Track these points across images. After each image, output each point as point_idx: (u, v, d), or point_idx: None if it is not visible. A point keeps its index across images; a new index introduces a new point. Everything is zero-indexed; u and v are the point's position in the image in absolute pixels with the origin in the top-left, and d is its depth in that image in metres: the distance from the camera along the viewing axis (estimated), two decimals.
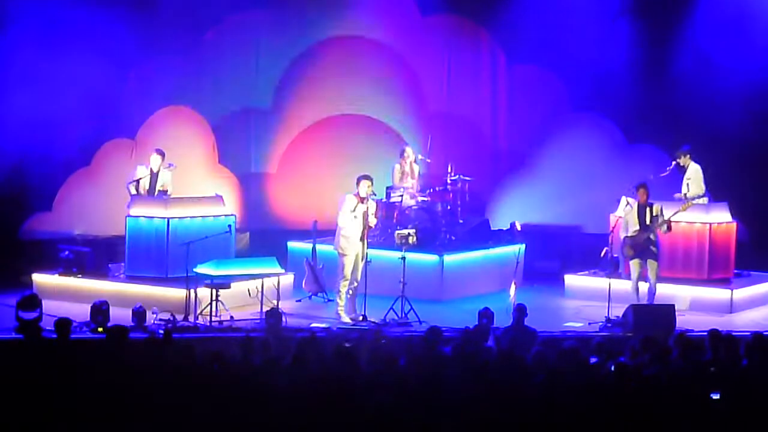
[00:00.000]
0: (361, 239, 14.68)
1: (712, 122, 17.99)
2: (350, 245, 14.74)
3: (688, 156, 16.34)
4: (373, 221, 14.77)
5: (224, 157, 19.48)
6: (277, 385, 9.94)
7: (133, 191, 16.02)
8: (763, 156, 18.39)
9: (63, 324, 11.23)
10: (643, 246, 15.02)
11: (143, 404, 9.64)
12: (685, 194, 16.28)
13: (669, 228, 15.11)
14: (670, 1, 18.82)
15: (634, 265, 15.13)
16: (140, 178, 16.03)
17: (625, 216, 15.23)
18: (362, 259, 14.73)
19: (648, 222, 15.03)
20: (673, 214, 15.14)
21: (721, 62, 18.15)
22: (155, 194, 16.00)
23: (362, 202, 14.68)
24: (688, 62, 18.48)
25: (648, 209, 15.05)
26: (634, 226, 15.04)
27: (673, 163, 16.41)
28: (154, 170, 16.07)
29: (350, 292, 14.83)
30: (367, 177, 14.75)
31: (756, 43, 18.18)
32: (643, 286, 15.14)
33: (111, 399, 9.55)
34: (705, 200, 16.37)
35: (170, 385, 9.90)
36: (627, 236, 15.06)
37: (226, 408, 9.49)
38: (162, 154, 16.14)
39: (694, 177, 16.33)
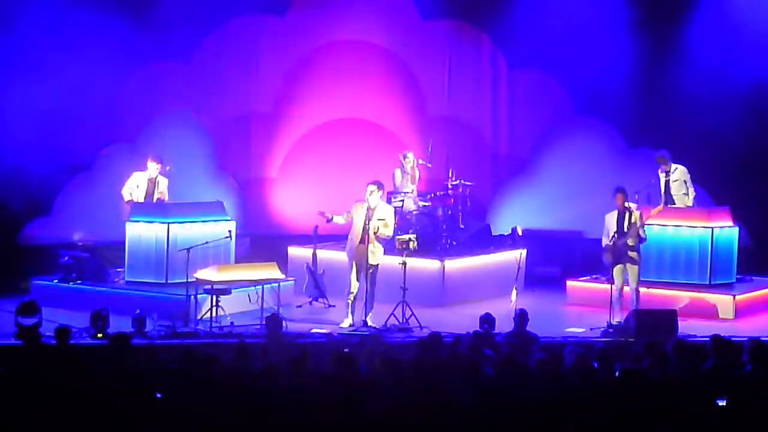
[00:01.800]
0: (362, 243, 14.61)
1: (713, 127, 17.98)
2: (349, 249, 14.74)
3: (668, 160, 16.36)
4: (381, 228, 14.60)
5: (224, 162, 19.46)
6: (277, 391, 9.92)
7: (127, 197, 15.94)
8: (765, 160, 18.37)
9: (63, 332, 11.20)
10: (622, 251, 14.92)
11: (143, 409, 9.62)
12: (673, 195, 16.31)
13: (642, 238, 15.04)
14: (671, 8, 18.80)
15: (617, 272, 15.03)
16: (131, 184, 15.96)
17: (606, 222, 15.09)
18: (367, 265, 14.62)
19: (626, 228, 14.93)
20: (644, 221, 15.11)
21: (721, 67, 18.13)
22: (154, 201, 15.96)
23: (369, 208, 14.61)
24: (689, 68, 18.46)
25: (627, 214, 14.96)
26: (613, 232, 14.94)
27: (679, 166, 16.40)
28: (152, 176, 16.01)
29: (350, 297, 14.79)
30: (371, 182, 14.70)
31: (756, 49, 18.17)
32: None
33: (111, 405, 9.53)
34: (690, 200, 16.35)
35: (171, 391, 9.89)
36: (608, 243, 14.95)
37: (226, 413, 9.47)
38: (160, 160, 16.06)
39: (682, 178, 16.31)
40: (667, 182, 16.38)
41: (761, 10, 18.20)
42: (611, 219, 14.99)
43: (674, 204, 16.30)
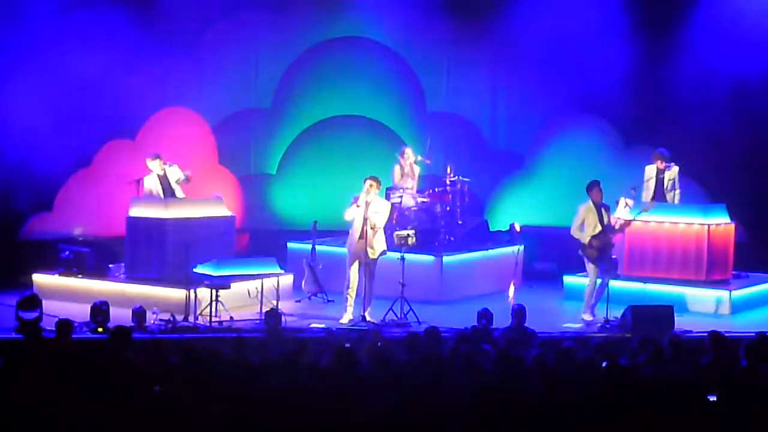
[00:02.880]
0: (361, 238, 14.68)
1: (709, 124, 18.05)
2: (349, 244, 14.83)
3: (667, 158, 16.49)
4: (377, 222, 14.68)
5: (224, 158, 19.52)
6: (276, 386, 9.98)
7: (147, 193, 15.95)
8: (761, 157, 18.43)
9: (64, 325, 11.25)
10: (607, 248, 14.98)
11: (142, 404, 9.68)
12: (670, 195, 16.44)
13: (622, 230, 15.13)
14: (669, 6, 18.86)
15: (594, 267, 15.08)
16: (141, 178, 16.00)
17: (584, 215, 15.10)
18: (366, 260, 14.69)
19: (606, 222, 14.99)
20: (635, 217, 15.17)
21: (718, 64, 18.20)
22: (174, 194, 15.98)
23: (366, 203, 14.67)
24: (686, 65, 18.53)
25: (603, 209, 15.02)
26: (596, 228, 14.95)
27: (674, 165, 16.49)
28: (161, 174, 16.04)
29: (349, 292, 14.84)
30: (368, 178, 14.76)
31: (753, 46, 18.23)
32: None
33: (111, 399, 9.59)
34: (677, 198, 16.49)
35: (171, 385, 9.95)
36: (593, 237, 14.96)
37: (225, 408, 9.53)
38: (159, 156, 16.10)
39: (674, 177, 16.44)
40: (661, 179, 16.46)
41: (757, 9, 18.26)
42: (590, 213, 14.96)
43: (664, 200, 16.40)
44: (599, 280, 15.02)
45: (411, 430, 9.21)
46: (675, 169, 16.48)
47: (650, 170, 16.52)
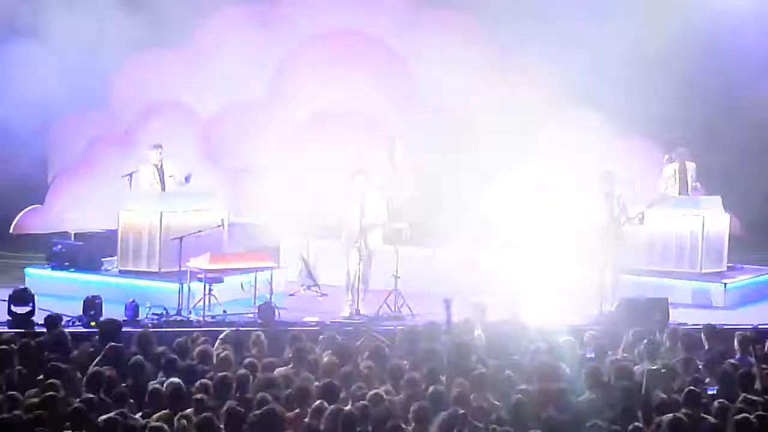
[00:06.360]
0: (359, 231, 14.65)
1: (704, 115, 18.01)
2: (345, 237, 14.76)
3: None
4: (375, 215, 14.67)
5: (217, 151, 19.44)
6: (270, 378, 9.96)
7: (146, 186, 15.87)
8: (756, 148, 18.41)
9: (53, 320, 11.23)
10: (615, 237, 14.90)
11: (137, 395, 9.66)
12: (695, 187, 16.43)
13: (641, 220, 15.02)
14: None
15: (604, 258, 14.99)
16: (133, 172, 15.93)
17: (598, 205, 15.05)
18: (364, 253, 14.66)
19: (615, 213, 14.90)
20: (648, 207, 15.12)
21: (714, 54, 18.16)
22: (166, 188, 15.91)
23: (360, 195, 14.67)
24: (683, 56, 18.48)
25: (614, 200, 14.92)
26: (600, 218, 14.89)
27: (666, 158, 16.46)
28: (158, 164, 15.96)
29: (349, 286, 14.80)
30: (356, 172, 14.76)
31: (749, 34, 18.19)
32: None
33: (105, 391, 9.57)
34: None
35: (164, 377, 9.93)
36: (602, 228, 14.88)
37: (221, 400, 9.52)
38: (160, 147, 16.05)
39: (694, 173, 16.42)
40: (684, 173, 16.39)
41: None
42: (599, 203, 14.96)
43: (687, 194, 16.35)
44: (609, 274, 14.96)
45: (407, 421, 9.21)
46: (690, 165, 16.46)
47: (669, 169, 16.45)
